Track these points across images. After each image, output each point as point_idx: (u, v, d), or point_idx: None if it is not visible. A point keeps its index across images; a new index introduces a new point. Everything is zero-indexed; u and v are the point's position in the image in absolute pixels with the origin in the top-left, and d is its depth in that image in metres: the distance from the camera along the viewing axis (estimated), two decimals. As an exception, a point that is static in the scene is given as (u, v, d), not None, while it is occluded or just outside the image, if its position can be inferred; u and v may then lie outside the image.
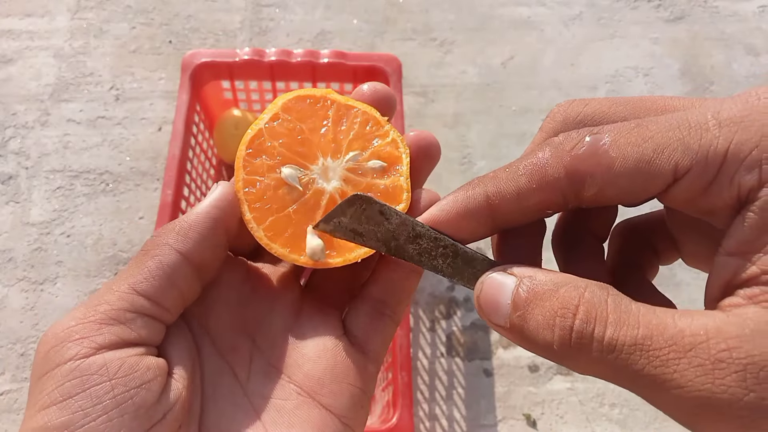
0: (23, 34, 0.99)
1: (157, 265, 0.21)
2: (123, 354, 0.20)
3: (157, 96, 0.95)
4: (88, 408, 0.19)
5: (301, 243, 0.24)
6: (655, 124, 0.18)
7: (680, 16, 1.09)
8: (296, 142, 0.25)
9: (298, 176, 0.25)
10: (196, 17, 1.03)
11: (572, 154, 0.19)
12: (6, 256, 0.82)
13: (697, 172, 0.17)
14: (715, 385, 0.15)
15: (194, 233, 0.22)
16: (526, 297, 0.19)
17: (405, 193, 0.25)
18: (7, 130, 0.91)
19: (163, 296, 0.21)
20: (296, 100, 0.26)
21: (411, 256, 0.22)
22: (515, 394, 0.78)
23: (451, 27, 1.05)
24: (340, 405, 0.23)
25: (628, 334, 0.17)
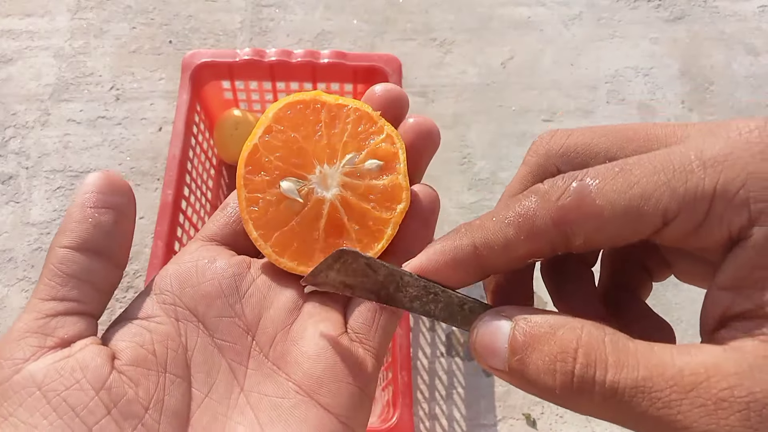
0: (23, 34, 0.99)
1: (49, 268, 0.22)
2: (47, 361, 0.20)
3: (157, 96, 0.95)
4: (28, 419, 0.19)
5: (307, 254, 0.24)
6: (639, 167, 0.18)
7: (680, 16, 1.09)
8: (292, 153, 0.25)
9: (297, 188, 0.25)
10: (197, 17, 1.03)
11: (559, 205, 0.19)
12: (6, 256, 0.82)
13: (686, 216, 0.17)
14: (720, 426, 0.15)
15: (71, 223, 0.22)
16: (523, 341, 0.18)
17: (404, 191, 0.25)
18: (8, 130, 0.91)
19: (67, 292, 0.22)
20: (287, 107, 0.25)
21: (403, 303, 0.22)
22: (515, 393, 0.78)
23: (451, 27, 1.05)
24: (339, 404, 0.22)
25: (629, 376, 0.17)
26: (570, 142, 0.21)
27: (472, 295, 0.22)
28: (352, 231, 0.25)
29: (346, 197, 0.25)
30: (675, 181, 0.17)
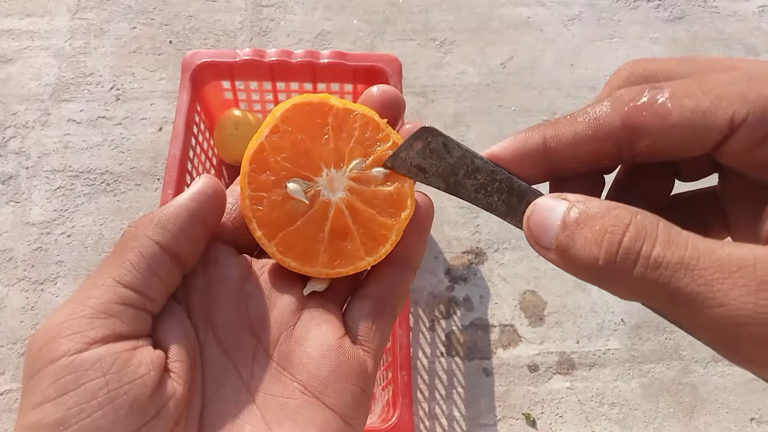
0: (23, 34, 0.99)
1: (138, 256, 0.21)
2: (116, 348, 0.20)
3: (157, 96, 0.95)
4: (82, 404, 0.19)
5: (311, 255, 0.25)
6: (716, 79, 0.18)
7: (680, 16, 1.10)
8: (299, 155, 0.25)
9: (303, 190, 0.25)
10: (197, 17, 1.03)
11: (630, 105, 0.19)
12: (6, 256, 0.82)
13: (753, 121, 0.17)
14: (758, 305, 0.16)
15: (172, 225, 0.22)
16: (576, 218, 0.19)
17: (409, 199, 0.25)
18: (8, 130, 0.91)
19: (147, 287, 0.21)
20: (294, 108, 0.26)
21: (468, 192, 0.23)
22: (515, 393, 0.78)
23: (451, 27, 1.05)
24: (343, 404, 0.23)
25: (676, 253, 0.17)
26: (654, 66, 0.21)
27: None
28: (357, 234, 0.25)
29: (351, 201, 0.25)
30: (748, 89, 0.17)
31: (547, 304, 0.84)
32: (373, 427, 0.59)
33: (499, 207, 0.23)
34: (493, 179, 0.23)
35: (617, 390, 0.79)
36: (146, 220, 0.22)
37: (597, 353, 0.81)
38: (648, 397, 0.78)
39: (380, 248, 0.25)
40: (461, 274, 0.85)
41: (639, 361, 0.81)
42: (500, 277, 0.85)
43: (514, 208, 0.22)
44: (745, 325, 0.16)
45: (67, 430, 0.18)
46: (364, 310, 0.25)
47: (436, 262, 0.85)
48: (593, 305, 0.84)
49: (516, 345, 0.81)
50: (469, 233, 0.87)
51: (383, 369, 0.69)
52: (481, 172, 0.23)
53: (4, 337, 0.77)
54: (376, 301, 0.25)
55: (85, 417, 0.19)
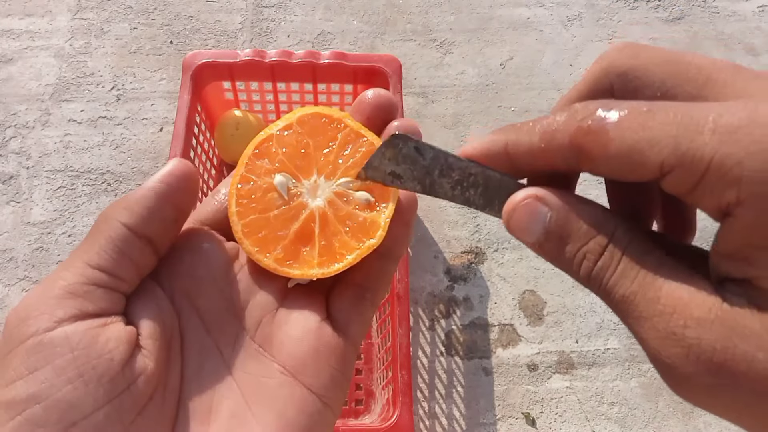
0: (24, 34, 1.00)
1: (107, 239, 0.22)
2: (83, 326, 0.21)
3: (158, 96, 0.96)
4: (53, 379, 0.19)
5: (270, 246, 0.26)
6: (662, 113, 0.18)
7: (679, 17, 1.10)
8: (298, 155, 0.26)
9: (288, 186, 0.26)
10: (197, 18, 1.03)
11: (579, 126, 0.20)
12: (7, 256, 0.83)
13: (681, 174, 0.18)
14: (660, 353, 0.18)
15: (139, 207, 0.23)
16: (559, 233, 0.20)
17: (380, 230, 0.26)
18: (8, 130, 0.91)
19: (116, 268, 0.22)
20: (312, 116, 0.27)
21: (445, 190, 0.24)
22: (514, 392, 0.78)
23: (451, 28, 1.06)
24: (320, 384, 0.24)
25: (623, 286, 0.19)
26: (632, 64, 0.21)
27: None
28: (318, 244, 0.26)
29: (326, 212, 0.26)
30: (682, 137, 0.17)
31: (546, 303, 0.84)
32: (374, 426, 0.59)
33: (477, 201, 0.23)
34: (468, 174, 0.23)
35: (617, 389, 0.79)
36: (115, 205, 0.23)
37: (596, 353, 0.81)
38: (647, 397, 0.79)
39: (333, 265, 0.25)
40: (461, 274, 0.85)
41: (638, 361, 0.81)
42: (500, 277, 0.85)
43: (492, 199, 0.23)
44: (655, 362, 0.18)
45: (40, 404, 0.19)
46: (346, 296, 0.26)
47: (435, 262, 0.85)
48: (592, 305, 0.84)
49: (515, 344, 0.81)
50: (468, 233, 0.88)
51: (383, 368, 0.69)
52: (455, 169, 0.23)
53: (5, 336, 0.77)
54: (357, 289, 0.26)
55: (56, 391, 0.19)
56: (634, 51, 0.21)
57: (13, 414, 0.19)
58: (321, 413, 0.23)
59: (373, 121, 0.27)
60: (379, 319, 0.76)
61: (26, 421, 0.19)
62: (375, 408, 0.72)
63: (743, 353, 0.16)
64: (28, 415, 0.19)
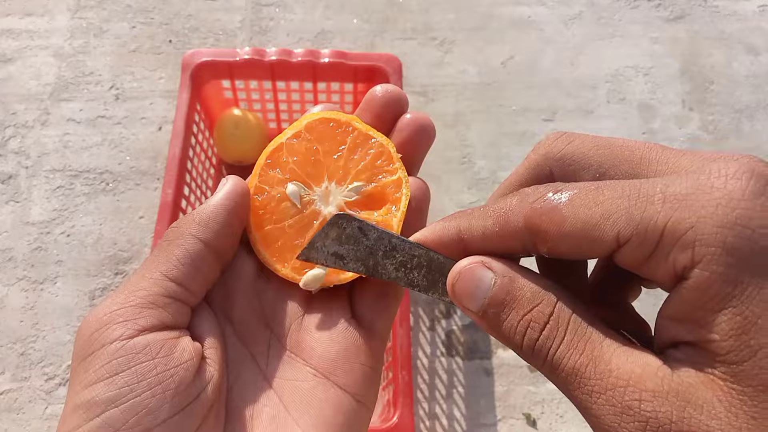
0: (23, 34, 0.99)
1: (184, 253, 0.23)
2: (162, 336, 0.22)
3: (157, 95, 0.95)
4: (133, 384, 0.20)
5: (286, 255, 0.26)
6: (610, 189, 0.19)
7: (680, 16, 1.09)
8: (308, 162, 0.27)
9: (300, 194, 0.26)
10: (196, 17, 1.03)
11: (532, 207, 0.20)
12: (6, 256, 0.82)
13: (636, 243, 0.18)
14: (620, 428, 0.17)
15: (213, 223, 0.24)
16: (503, 299, 0.20)
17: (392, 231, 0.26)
18: (7, 130, 0.91)
19: (191, 281, 0.23)
20: (320, 121, 0.27)
21: (389, 272, 0.24)
22: (515, 393, 0.78)
23: (451, 26, 1.05)
24: (353, 383, 0.24)
25: (572, 358, 0.19)
26: (569, 149, 0.22)
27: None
28: None
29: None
30: (634, 208, 0.18)
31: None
32: (374, 427, 0.59)
33: (421, 282, 0.23)
34: (412, 256, 0.23)
35: (618, 390, 0.79)
36: (188, 220, 0.24)
37: (597, 353, 0.81)
38: (648, 397, 0.78)
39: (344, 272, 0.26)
40: (461, 274, 0.85)
41: (639, 361, 0.80)
42: (500, 277, 0.85)
43: (435, 282, 0.23)
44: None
45: (119, 407, 0.20)
46: (368, 294, 0.26)
47: (436, 262, 0.85)
48: (593, 305, 0.84)
49: (516, 344, 0.81)
50: (469, 233, 0.87)
51: (384, 369, 0.69)
52: (399, 250, 0.23)
53: (4, 336, 0.77)
54: (378, 286, 0.27)
55: (135, 396, 0.20)
56: (569, 138, 0.22)
57: (92, 415, 0.20)
58: (356, 411, 0.24)
59: (383, 117, 0.27)
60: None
61: (104, 423, 0.20)
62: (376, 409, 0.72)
63: (698, 423, 0.17)
64: (106, 417, 0.20)
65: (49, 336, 0.77)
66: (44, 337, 0.77)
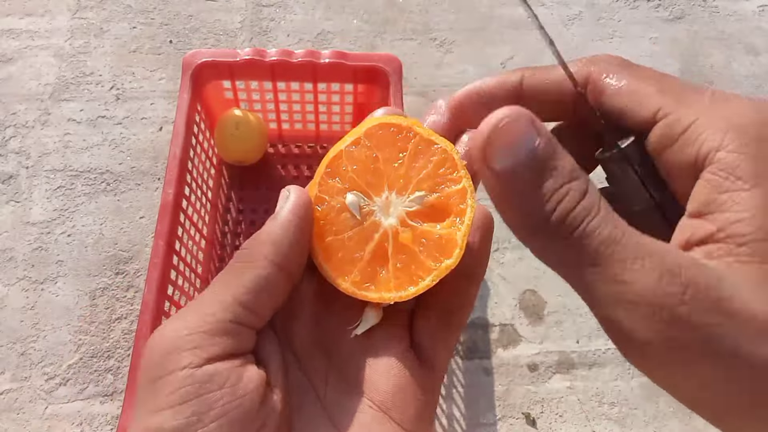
0: (23, 34, 0.99)
1: (256, 277, 0.22)
2: (230, 365, 0.21)
3: (157, 96, 0.95)
4: (201, 413, 0.20)
5: (346, 268, 0.25)
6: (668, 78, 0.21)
7: (680, 16, 1.10)
8: (368, 171, 0.25)
9: (360, 205, 0.25)
10: (197, 17, 1.03)
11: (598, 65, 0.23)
12: (6, 256, 0.82)
13: (674, 118, 0.20)
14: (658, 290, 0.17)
15: (286, 243, 0.23)
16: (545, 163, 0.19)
17: (457, 249, 0.24)
18: (8, 130, 0.91)
19: (260, 306, 0.23)
20: (380, 126, 0.25)
21: None
22: (514, 392, 0.78)
23: (451, 27, 1.05)
24: (407, 419, 0.23)
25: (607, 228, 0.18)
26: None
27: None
28: (393, 267, 0.25)
29: (400, 232, 0.25)
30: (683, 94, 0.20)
31: (547, 303, 0.84)
32: (374, 427, 0.59)
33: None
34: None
35: (617, 389, 0.79)
36: (261, 241, 0.23)
37: (597, 353, 0.81)
38: (648, 397, 0.78)
39: (409, 287, 0.24)
40: (461, 274, 0.85)
41: (639, 361, 0.81)
42: (500, 277, 0.85)
43: None
44: (639, 305, 0.17)
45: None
46: (430, 322, 0.25)
47: (436, 262, 0.85)
48: (593, 305, 0.84)
49: (516, 344, 0.81)
50: (469, 233, 0.87)
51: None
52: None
53: (4, 336, 0.77)
54: (440, 313, 0.25)
55: (202, 426, 0.20)
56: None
57: None
58: None
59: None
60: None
61: None
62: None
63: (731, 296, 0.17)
64: None
65: (50, 336, 0.78)
66: (44, 337, 0.77)
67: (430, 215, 0.25)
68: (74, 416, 0.73)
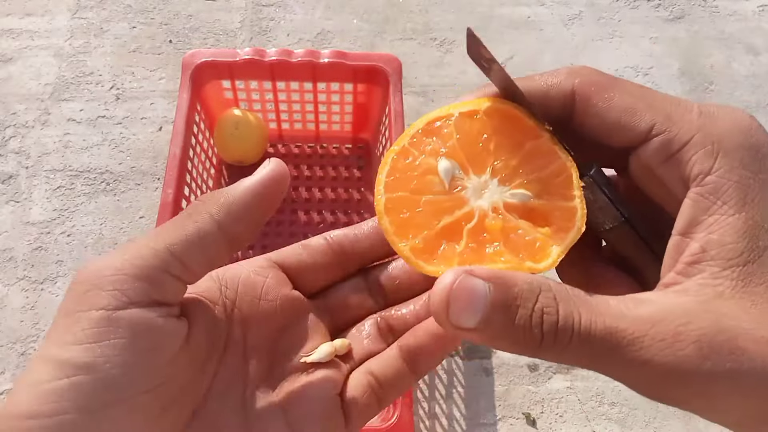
0: (23, 34, 0.99)
1: (196, 231, 0.22)
2: (148, 313, 0.21)
3: (157, 96, 0.95)
4: (110, 356, 0.20)
5: (410, 231, 0.23)
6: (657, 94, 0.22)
7: (680, 16, 1.10)
8: (474, 146, 0.23)
9: (453, 174, 0.23)
10: (197, 17, 1.03)
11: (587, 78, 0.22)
12: (6, 256, 0.82)
13: (667, 138, 0.21)
14: (677, 357, 0.18)
15: (237, 207, 0.23)
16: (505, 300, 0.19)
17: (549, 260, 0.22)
18: (7, 130, 0.91)
19: (194, 261, 0.22)
20: (504, 112, 0.24)
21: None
22: (515, 392, 0.78)
23: (451, 27, 1.05)
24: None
25: (599, 321, 0.19)
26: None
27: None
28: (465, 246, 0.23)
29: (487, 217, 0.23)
30: (674, 112, 0.21)
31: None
32: (374, 427, 0.59)
33: None
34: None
35: (617, 389, 0.79)
36: (212, 199, 0.23)
37: (597, 353, 0.81)
38: (648, 397, 0.78)
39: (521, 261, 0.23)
40: (461, 274, 0.85)
41: (639, 361, 0.81)
42: (500, 277, 0.85)
43: None
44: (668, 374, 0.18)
45: (90, 375, 0.20)
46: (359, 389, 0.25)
47: (436, 262, 0.85)
48: (593, 305, 0.84)
49: (516, 344, 0.81)
50: (469, 233, 0.87)
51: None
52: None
53: (4, 336, 0.77)
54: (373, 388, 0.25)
55: (109, 369, 0.20)
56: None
57: (61, 375, 0.20)
58: None
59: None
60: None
61: (72, 386, 0.19)
62: (375, 408, 0.72)
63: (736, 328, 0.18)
64: (75, 381, 0.19)
65: (50, 336, 0.78)
66: (44, 337, 0.77)
67: (524, 217, 0.23)
68: (74, 416, 0.73)
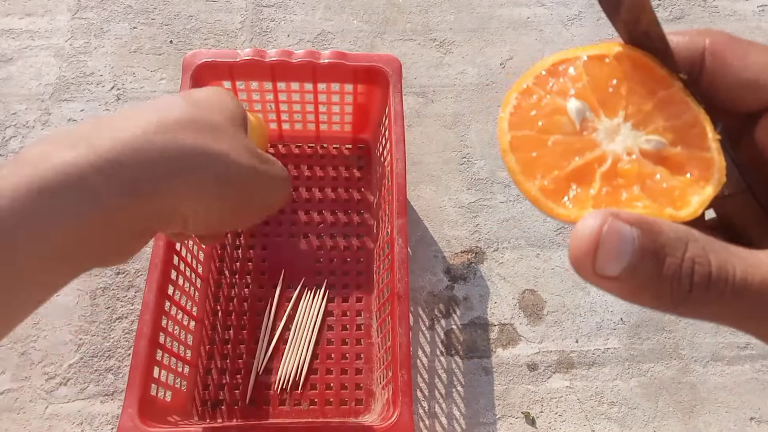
0: (23, 34, 0.99)
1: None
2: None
3: (158, 96, 0.95)
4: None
5: (537, 170, 0.22)
6: None
7: (680, 16, 1.10)
8: (604, 89, 0.23)
9: (584, 116, 0.22)
10: (197, 17, 1.03)
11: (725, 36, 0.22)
12: (7, 256, 0.82)
13: None
14: None
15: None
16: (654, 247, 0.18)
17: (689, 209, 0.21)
18: (8, 130, 0.91)
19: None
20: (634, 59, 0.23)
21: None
22: (514, 392, 0.78)
23: (451, 27, 1.06)
24: None
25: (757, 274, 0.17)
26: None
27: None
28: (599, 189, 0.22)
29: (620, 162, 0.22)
30: None
31: (546, 303, 0.84)
32: (374, 426, 0.59)
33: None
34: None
35: (616, 389, 0.79)
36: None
37: (596, 352, 0.81)
38: (647, 396, 0.79)
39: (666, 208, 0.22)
40: (461, 273, 0.85)
41: (638, 360, 0.81)
42: (500, 276, 0.85)
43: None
44: None
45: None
46: None
47: (435, 261, 0.85)
48: (592, 304, 0.84)
49: (515, 344, 0.81)
50: (468, 233, 0.88)
51: (383, 368, 0.69)
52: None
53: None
54: None
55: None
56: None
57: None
58: None
59: None
60: (379, 318, 0.76)
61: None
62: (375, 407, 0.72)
63: None
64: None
65: (50, 336, 0.78)
66: (45, 337, 0.78)
67: (659, 164, 0.22)
68: (75, 416, 0.73)
